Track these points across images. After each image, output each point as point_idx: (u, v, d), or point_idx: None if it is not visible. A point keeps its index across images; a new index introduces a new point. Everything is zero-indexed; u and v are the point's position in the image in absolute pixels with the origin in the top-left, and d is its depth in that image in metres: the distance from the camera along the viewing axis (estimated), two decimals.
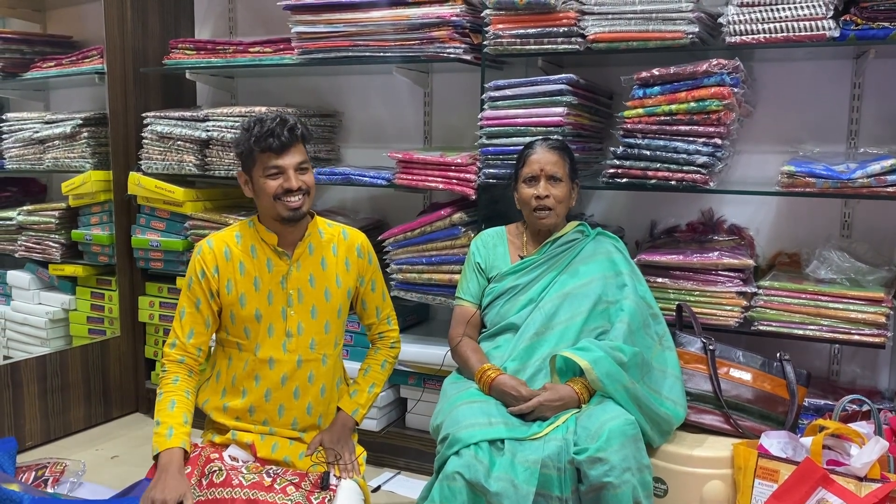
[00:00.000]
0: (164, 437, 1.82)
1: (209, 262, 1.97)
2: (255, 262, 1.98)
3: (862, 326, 2.29)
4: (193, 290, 1.97)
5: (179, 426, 1.85)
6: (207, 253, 1.98)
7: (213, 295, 1.97)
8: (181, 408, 1.88)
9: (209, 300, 1.96)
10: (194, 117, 3.14)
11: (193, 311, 1.97)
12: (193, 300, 1.97)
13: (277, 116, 1.91)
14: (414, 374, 2.91)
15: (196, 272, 1.97)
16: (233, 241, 2.00)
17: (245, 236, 2.00)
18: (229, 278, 1.97)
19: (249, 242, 1.99)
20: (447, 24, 2.64)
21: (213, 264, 1.97)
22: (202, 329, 1.98)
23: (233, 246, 1.99)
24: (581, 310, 2.14)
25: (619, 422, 1.86)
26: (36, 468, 2.43)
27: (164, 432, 1.83)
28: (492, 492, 1.78)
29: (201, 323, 1.97)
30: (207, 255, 1.97)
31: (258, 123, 1.91)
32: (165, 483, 1.74)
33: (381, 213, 3.32)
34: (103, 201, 3.40)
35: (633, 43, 2.40)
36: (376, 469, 2.89)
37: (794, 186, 2.28)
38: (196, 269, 1.97)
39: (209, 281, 1.96)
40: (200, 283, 1.96)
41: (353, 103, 3.33)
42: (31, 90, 3.79)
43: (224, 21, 3.56)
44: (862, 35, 2.18)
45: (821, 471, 1.89)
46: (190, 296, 1.98)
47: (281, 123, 1.89)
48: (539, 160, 2.22)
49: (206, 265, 1.97)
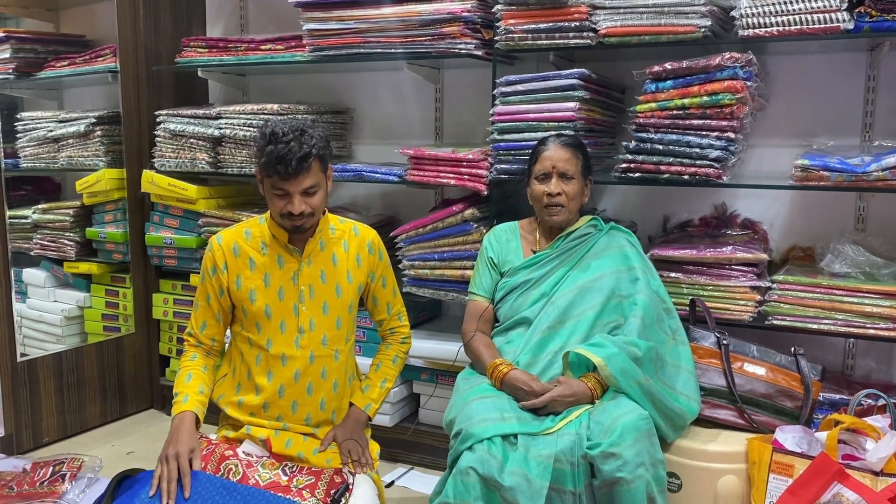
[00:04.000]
0: (179, 403, 1.93)
1: (218, 259, 2.01)
2: (265, 258, 2.00)
3: (877, 320, 2.27)
4: (205, 285, 2.03)
5: (195, 394, 1.95)
6: (217, 249, 2.01)
7: (222, 291, 2.01)
8: (197, 380, 1.99)
9: (218, 296, 2.02)
10: (207, 115, 3.15)
11: (205, 304, 2.04)
12: (205, 295, 2.04)
13: (294, 136, 1.84)
14: (427, 370, 2.92)
15: (207, 268, 2.02)
16: (242, 237, 2.02)
17: (255, 233, 2.03)
18: (238, 274, 1.99)
19: (260, 239, 2.02)
20: (458, 19, 2.64)
21: (223, 260, 2.00)
22: (213, 322, 2.05)
23: (242, 242, 2.01)
24: (594, 304, 2.13)
25: (633, 417, 1.86)
26: (54, 463, 2.46)
27: (181, 399, 1.93)
28: (505, 486, 1.78)
29: (212, 316, 2.04)
30: (216, 251, 2.01)
31: (273, 139, 1.84)
32: (178, 439, 1.83)
33: (392, 209, 3.32)
34: (117, 199, 3.42)
35: (646, 37, 2.39)
36: (390, 464, 2.90)
37: (807, 180, 2.26)
38: (207, 265, 2.02)
39: (219, 277, 2.00)
40: (210, 279, 2.01)
41: (365, 100, 3.34)
42: (44, 89, 3.82)
43: (235, 19, 3.57)
44: (877, 27, 2.16)
45: (836, 465, 1.88)
46: (202, 290, 2.05)
47: (296, 147, 1.82)
48: (551, 157, 2.21)
49: (215, 261, 2.01)
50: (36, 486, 2.37)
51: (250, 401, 2.00)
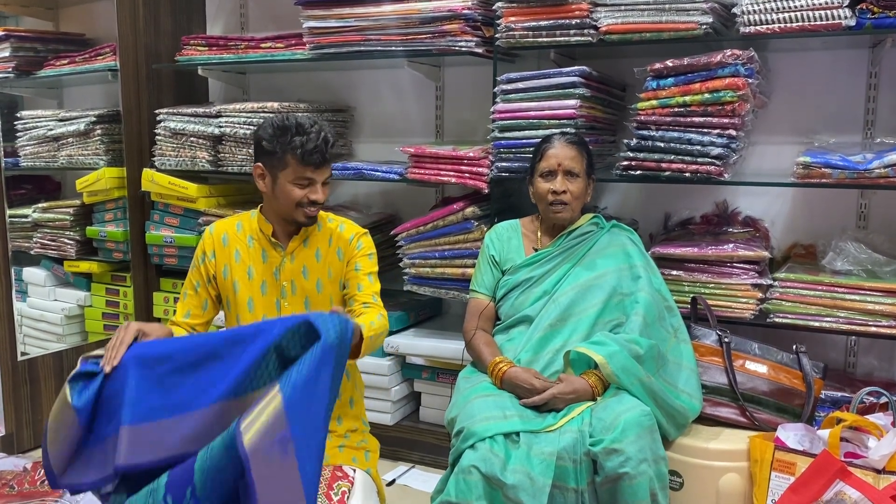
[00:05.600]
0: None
1: (208, 247, 2.04)
2: (250, 251, 2.03)
3: (879, 318, 2.27)
4: (194, 273, 2.06)
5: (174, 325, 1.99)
6: (208, 237, 2.05)
7: (209, 279, 2.04)
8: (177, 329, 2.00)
9: (206, 284, 2.05)
10: (207, 113, 3.15)
11: (193, 293, 2.06)
12: (193, 283, 2.06)
13: (319, 128, 1.89)
14: (428, 369, 2.91)
15: (198, 256, 2.06)
16: (233, 229, 2.05)
17: (245, 226, 2.06)
18: (225, 264, 2.03)
19: (248, 233, 2.04)
20: (459, 17, 2.63)
21: (212, 248, 2.04)
22: (198, 311, 2.06)
23: (232, 233, 2.05)
24: (595, 302, 2.13)
25: (635, 413, 1.86)
26: None
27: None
28: (508, 484, 1.78)
29: (198, 305, 2.06)
30: (207, 239, 2.05)
31: (299, 131, 1.87)
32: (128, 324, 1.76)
33: (393, 207, 3.32)
34: (117, 198, 3.42)
35: (647, 34, 2.39)
36: (391, 463, 2.89)
37: (809, 177, 2.26)
38: (198, 253, 2.06)
39: (206, 265, 2.04)
40: (199, 266, 2.05)
41: (365, 98, 3.33)
42: (44, 88, 3.81)
43: (235, 17, 3.56)
44: (879, 24, 2.16)
45: (838, 463, 1.87)
46: (190, 279, 2.07)
47: (325, 135, 1.89)
48: (557, 155, 2.21)
49: (205, 249, 2.04)
50: (36, 485, 2.37)
51: None
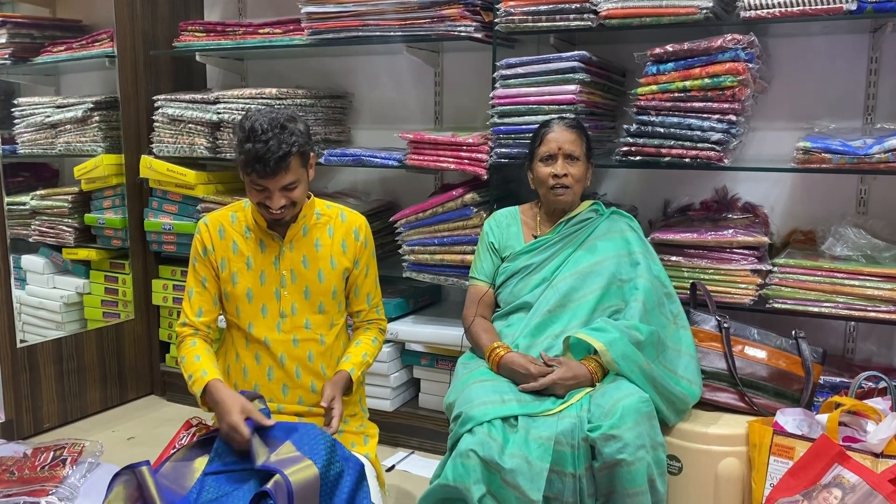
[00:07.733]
0: (200, 377, 1.87)
1: (206, 241, 2.02)
2: (248, 242, 2.01)
3: (878, 303, 2.27)
4: (198, 268, 2.02)
5: (211, 369, 1.89)
6: (204, 231, 2.03)
7: (216, 272, 2.02)
8: (207, 358, 1.93)
9: (214, 277, 2.02)
10: (205, 100, 3.13)
11: (201, 289, 2.02)
12: (199, 279, 2.02)
13: (273, 133, 1.80)
14: (427, 355, 2.91)
15: (198, 251, 2.02)
16: (227, 220, 2.04)
17: (240, 217, 2.04)
18: (223, 256, 2.01)
19: (244, 223, 2.03)
20: (458, 1, 2.62)
21: (210, 242, 2.02)
22: (210, 307, 2.03)
23: (227, 225, 2.03)
24: (594, 288, 2.13)
25: (634, 399, 1.86)
26: (54, 448, 2.45)
27: (199, 375, 1.87)
28: (506, 468, 1.78)
29: (209, 301, 2.02)
30: (204, 233, 2.03)
31: (252, 137, 1.81)
32: (225, 408, 1.77)
33: (392, 194, 3.31)
34: (115, 185, 3.41)
35: (647, 19, 2.37)
36: (390, 449, 2.90)
37: (809, 163, 2.25)
38: (198, 248, 2.03)
39: (210, 258, 2.01)
40: (203, 261, 2.02)
41: (364, 84, 3.32)
42: (41, 75, 3.79)
43: (233, 3, 3.54)
44: (880, 8, 2.14)
45: (837, 447, 1.88)
46: (196, 275, 2.03)
47: (275, 146, 1.79)
48: (557, 139, 2.20)
49: (204, 243, 2.02)
50: (37, 471, 2.37)
51: (242, 384, 2.02)
